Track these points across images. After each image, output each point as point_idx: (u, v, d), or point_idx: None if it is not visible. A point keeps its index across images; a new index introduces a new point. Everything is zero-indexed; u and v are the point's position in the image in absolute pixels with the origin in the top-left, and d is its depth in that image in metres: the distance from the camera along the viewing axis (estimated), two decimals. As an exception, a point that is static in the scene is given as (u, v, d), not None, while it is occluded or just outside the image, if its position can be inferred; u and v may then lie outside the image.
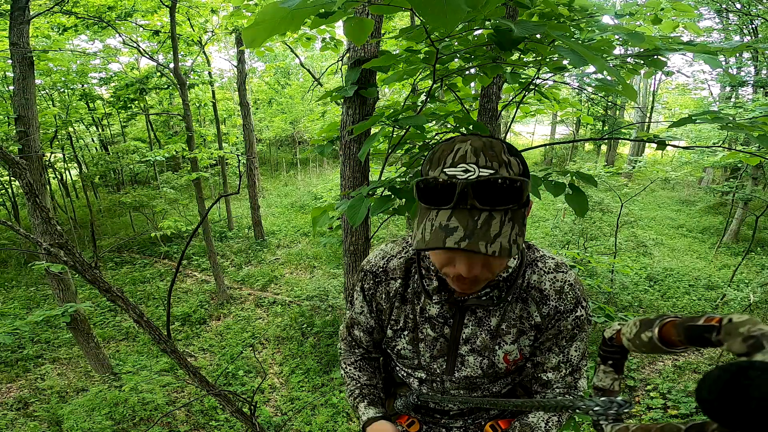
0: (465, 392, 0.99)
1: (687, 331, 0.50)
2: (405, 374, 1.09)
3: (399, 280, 0.95)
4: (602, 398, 0.61)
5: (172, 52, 7.82)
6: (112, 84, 11.20)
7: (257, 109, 18.81)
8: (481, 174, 0.65)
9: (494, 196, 0.65)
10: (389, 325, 0.99)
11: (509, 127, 5.03)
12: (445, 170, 0.68)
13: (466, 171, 0.66)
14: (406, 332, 0.97)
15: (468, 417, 1.07)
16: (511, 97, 2.47)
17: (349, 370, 1.13)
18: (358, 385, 1.11)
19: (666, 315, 0.57)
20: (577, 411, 0.63)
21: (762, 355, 0.38)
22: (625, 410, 0.59)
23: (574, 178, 1.69)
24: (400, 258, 0.96)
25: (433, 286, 0.90)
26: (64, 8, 7.06)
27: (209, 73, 12.43)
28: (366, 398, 1.08)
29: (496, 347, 0.91)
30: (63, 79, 10.20)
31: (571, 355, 0.91)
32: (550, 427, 0.92)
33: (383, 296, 0.97)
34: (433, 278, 0.90)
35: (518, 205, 0.67)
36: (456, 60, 1.73)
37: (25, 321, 4.37)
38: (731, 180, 10.99)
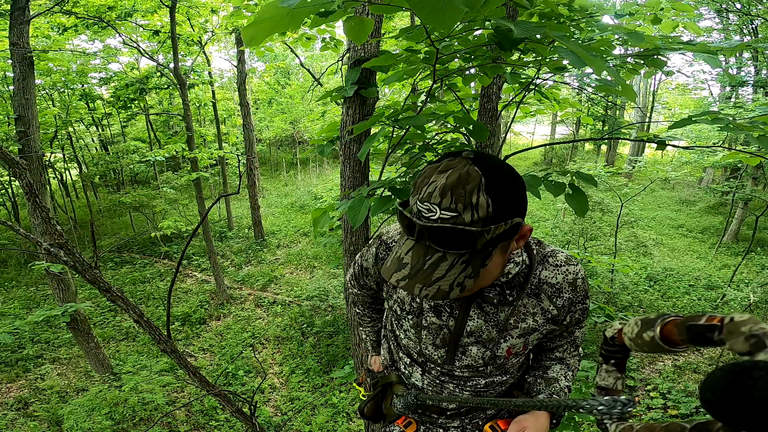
0: (469, 378, 1.01)
1: (689, 331, 0.50)
2: (406, 364, 1.09)
3: None
4: (606, 397, 0.60)
5: (172, 52, 7.81)
6: (112, 84, 11.18)
7: (257, 109, 18.79)
8: (442, 215, 0.67)
9: (447, 241, 0.68)
10: (396, 303, 1.01)
11: (509, 127, 5.02)
12: (417, 202, 0.71)
13: (429, 210, 0.68)
14: (410, 316, 0.98)
15: (465, 417, 1.07)
16: (511, 97, 2.46)
17: (364, 311, 1.30)
18: (374, 330, 1.32)
19: (667, 314, 0.57)
20: (581, 411, 0.62)
21: (765, 354, 0.38)
22: (629, 409, 0.59)
23: (574, 178, 1.68)
24: None
25: None
26: (64, 8, 7.05)
27: (209, 73, 12.42)
28: (375, 350, 1.32)
29: (502, 341, 0.92)
30: (63, 79, 10.17)
31: (576, 337, 1.01)
32: (568, 379, 1.00)
33: None
34: None
35: (471, 252, 0.69)
36: (456, 60, 1.73)
37: (25, 321, 4.37)
38: (731, 180, 10.98)
